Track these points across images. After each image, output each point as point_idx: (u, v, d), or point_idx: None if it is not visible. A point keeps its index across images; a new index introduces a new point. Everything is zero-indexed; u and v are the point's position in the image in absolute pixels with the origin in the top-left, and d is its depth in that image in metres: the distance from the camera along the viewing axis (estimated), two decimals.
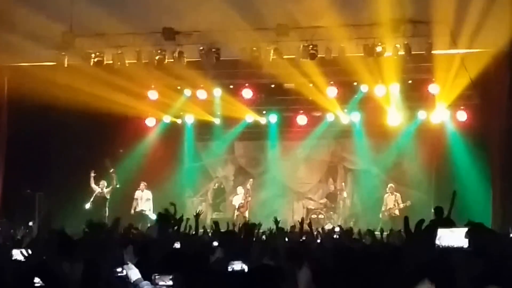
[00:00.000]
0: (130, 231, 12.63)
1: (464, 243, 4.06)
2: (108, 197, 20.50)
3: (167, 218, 9.20)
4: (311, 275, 5.64)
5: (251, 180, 22.58)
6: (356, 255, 6.14)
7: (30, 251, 7.07)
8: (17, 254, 7.41)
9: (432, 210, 13.68)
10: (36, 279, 5.61)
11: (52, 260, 6.42)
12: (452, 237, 4.34)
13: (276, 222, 10.34)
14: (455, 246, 4.30)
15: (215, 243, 9.34)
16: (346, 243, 9.26)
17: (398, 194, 20.88)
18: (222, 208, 23.21)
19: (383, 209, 20.74)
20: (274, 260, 7.07)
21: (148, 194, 21.22)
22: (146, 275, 6.56)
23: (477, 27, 16.23)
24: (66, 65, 18.42)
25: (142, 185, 21.24)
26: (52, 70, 18.50)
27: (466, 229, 4.09)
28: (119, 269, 6.54)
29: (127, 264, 6.70)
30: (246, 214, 21.46)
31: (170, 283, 6.30)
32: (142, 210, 20.90)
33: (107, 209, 20.15)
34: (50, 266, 6.05)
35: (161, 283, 6.35)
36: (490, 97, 19.16)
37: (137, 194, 21.25)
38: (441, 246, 4.23)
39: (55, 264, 6.14)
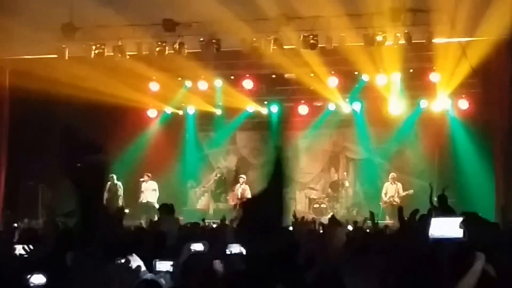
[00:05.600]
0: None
1: (458, 233, 4.07)
2: None
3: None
4: None
5: (254, 171, 22.54)
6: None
7: (31, 247, 7.09)
8: (20, 249, 7.42)
9: (435, 199, 13.63)
10: (37, 276, 5.55)
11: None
12: (447, 227, 4.34)
13: None
14: (449, 236, 4.30)
15: None
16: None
17: (399, 184, 20.79)
18: (223, 199, 23.17)
19: (382, 197, 20.68)
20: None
21: (153, 184, 21.00)
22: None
23: (477, 15, 16.15)
24: (67, 58, 18.41)
25: (146, 176, 21.05)
26: (53, 63, 18.50)
27: (460, 218, 4.09)
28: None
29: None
30: None
31: (170, 269, 6.34)
32: (148, 201, 20.64)
33: None
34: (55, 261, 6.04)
35: (161, 269, 6.40)
36: (491, 85, 19.12)
37: (143, 186, 21.04)
38: (435, 236, 4.24)
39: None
